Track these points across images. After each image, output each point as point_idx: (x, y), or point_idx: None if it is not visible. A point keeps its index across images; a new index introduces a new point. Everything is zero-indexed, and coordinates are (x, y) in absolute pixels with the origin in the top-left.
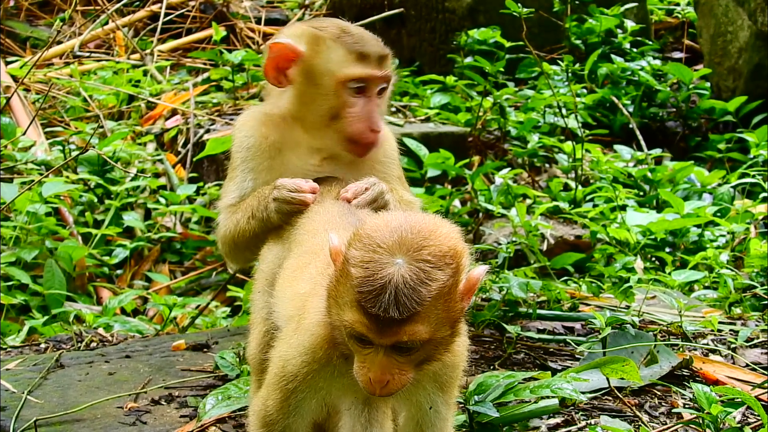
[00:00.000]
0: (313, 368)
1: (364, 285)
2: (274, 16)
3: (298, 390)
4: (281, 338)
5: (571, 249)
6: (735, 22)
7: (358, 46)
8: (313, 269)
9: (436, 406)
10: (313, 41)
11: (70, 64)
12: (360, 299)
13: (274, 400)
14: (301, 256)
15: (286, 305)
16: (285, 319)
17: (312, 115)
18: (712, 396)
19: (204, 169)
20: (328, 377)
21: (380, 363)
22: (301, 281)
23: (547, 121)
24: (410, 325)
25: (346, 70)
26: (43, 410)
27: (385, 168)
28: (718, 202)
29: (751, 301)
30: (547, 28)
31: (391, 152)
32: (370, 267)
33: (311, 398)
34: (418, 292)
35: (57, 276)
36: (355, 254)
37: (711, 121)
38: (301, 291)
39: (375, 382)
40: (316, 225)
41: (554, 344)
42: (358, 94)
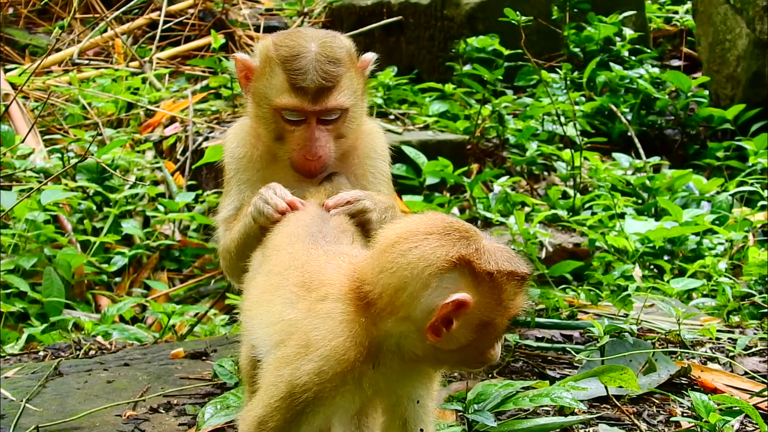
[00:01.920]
0: (339, 391)
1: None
2: (273, 23)
3: (312, 412)
4: (279, 362)
5: (570, 257)
6: (733, 30)
7: (295, 76)
8: (288, 293)
9: (423, 399)
10: (264, 61)
11: (69, 71)
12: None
13: (277, 421)
14: (268, 275)
15: (268, 329)
16: (269, 344)
17: (263, 133)
18: (710, 404)
19: (203, 176)
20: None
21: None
22: (280, 305)
23: (545, 128)
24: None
25: (278, 100)
26: (41, 418)
27: (375, 164)
28: (716, 210)
29: (750, 309)
30: (546, 36)
31: (380, 149)
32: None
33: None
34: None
35: (56, 284)
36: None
37: (709, 129)
38: (288, 317)
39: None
40: (281, 239)
41: (553, 352)
42: (294, 123)
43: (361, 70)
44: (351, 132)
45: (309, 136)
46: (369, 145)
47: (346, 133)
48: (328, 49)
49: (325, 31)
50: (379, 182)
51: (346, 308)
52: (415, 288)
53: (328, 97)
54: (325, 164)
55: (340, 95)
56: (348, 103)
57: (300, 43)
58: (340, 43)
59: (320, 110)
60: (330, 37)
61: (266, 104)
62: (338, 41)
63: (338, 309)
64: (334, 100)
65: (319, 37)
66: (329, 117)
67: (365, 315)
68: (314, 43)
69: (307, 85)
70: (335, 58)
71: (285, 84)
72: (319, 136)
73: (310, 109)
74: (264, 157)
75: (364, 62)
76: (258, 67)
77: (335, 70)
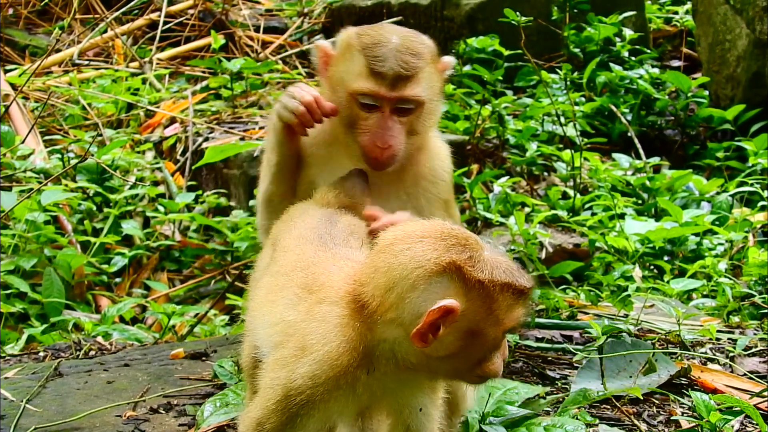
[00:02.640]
0: (333, 395)
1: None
2: (273, 24)
3: (307, 415)
4: (276, 364)
5: (570, 257)
6: (733, 30)
7: (375, 62)
8: (291, 295)
9: (426, 407)
10: (345, 48)
11: (69, 72)
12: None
13: (274, 423)
14: (274, 275)
15: (268, 330)
16: (270, 344)
17: (337, 119)
18: (710, 404)
19: (203, 177)
20: (348, 399)
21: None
22: (283, 306)
23: (545, 129)
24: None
25: (355, 84)
26: (41, 419)
27: (431, 187)
28: (716, 211)
29: (750, 309)
30: (546, 37)
31: (440, 172)
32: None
33: (319, 421)
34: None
35: (56, 284)
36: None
37: (709, 130)
38: (287, 318)
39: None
40: (290, 240)
41: (553, 352)
42: (369, 109)
43: (440, 71)
44: (422, 131)
45: (382, 124)
46: (428, 164)
47: (418, 130)
48: (410, 42)
49: (409, 29)
50: (432, 207)
51: (341, 311)
52: (403, 289)
53: (405, 85)
54: (393, 156)
55: (417, 86)
56: (424, 95)
57: (383, 33)
58: (422, 40)
59: (395, 97)
60: (413, 33)
61: (342, 89)
62: (420, 38)
63: (334, 312)
64: (411, 90)
65: (402, 31)
66: (404, 106)
67: (360, 319)
68: (396, 35)
69: (385, 71)
70: (415, 51)
71: (363, 69)
72: (392, 126)
73: (386, 95)
74: (327, 140)
75: (444, 64)
76: (338, 54)
77: (414, 61)
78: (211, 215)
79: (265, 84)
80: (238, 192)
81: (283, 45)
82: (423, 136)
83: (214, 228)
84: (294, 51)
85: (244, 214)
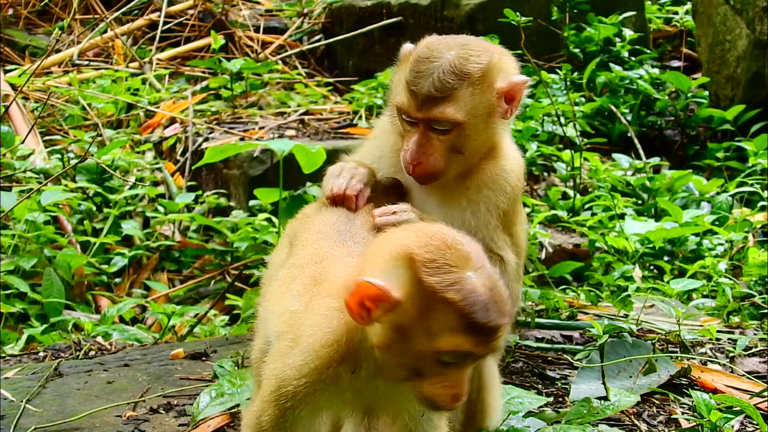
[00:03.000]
0: (316, 388)
1: (472, 306)
2: (273, 24)
3: (297, 408)
4: (275, 354)
5: (570, 257)
6: (733, 30)
7: (413, 78)
8: (299, 286)
9: (429, 414)
10: (405, 56)
11: (68, 72)
12: (469, 318)
13: (270, 416)
14: (290, 268)
15: (276, 320)
16: (275, 334)
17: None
18: (711, 403)
19: (203, 177)
20: (332, 395)
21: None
22: (289, 297)
23: (545, 129)
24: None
25: (396, 97)
26: (41, 419)
27: (492, 195)
28: (716, 211)
29: (750, 309)
30: (546, 37)
31: (503, 182)
32: (463, 286)
33: (310, 415)
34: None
35: (56, 284)
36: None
37: (709, 130)
38: (291, 308)
39: (459, 396)
40: (308, 236)
41: (553, 353)
42: (410, 124)
43: (496, 91)
44: (471, 150)
45: (417, 140)
46: (494, 173)
47: (463, 149)
48: (461, 60)
49: (482, 43)
50: (491, 215)
51: (334, 304)
52: (366, 268)
53: (435, 106)
54: (427, 172)
55: (449, 107)
56: (459, 117)
57: (440, 48)
58: (480, 58)
59: (423, 118)
60: (475, 49)
61: (392, 98)
62: (478, 56)
63: (326, 304)
64: (440, 112)
65: (462, 45)
66: (438, 126)
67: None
68: (454, 51)
69: (418, 90)
70: (461, 72)
71: (404, 84)
72: (424, 143)
73: (414, 114)
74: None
75: (510, 84)
76: (402, 60)
77: (453, 82)
78: (211, 215)
79: (264, 84)
80: (238, 192)
81: (282, 45)
82: (475, 154)
83: (213, 228)
84: (294, 51)
85: (244, 215)
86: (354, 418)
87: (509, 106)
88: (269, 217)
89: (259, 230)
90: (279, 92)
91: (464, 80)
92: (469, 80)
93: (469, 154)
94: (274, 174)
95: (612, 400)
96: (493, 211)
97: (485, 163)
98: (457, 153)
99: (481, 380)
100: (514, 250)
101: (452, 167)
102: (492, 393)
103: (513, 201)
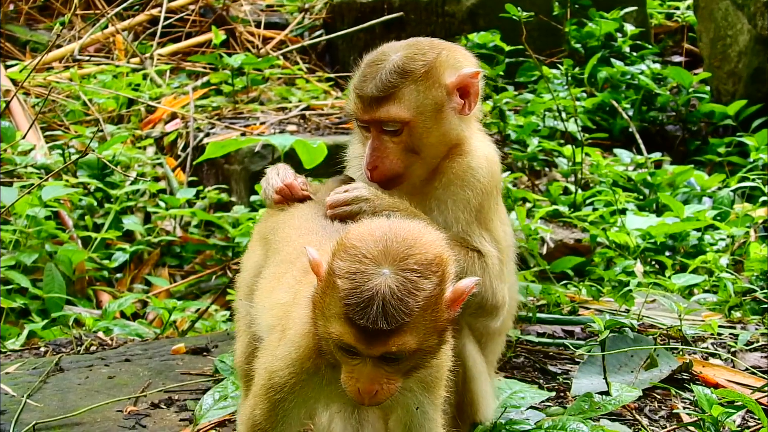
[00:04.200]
0: (301, 379)
1: (351, 297)
2: (274, 19)
3: (286, 400)
4: (265, 348)
5: (571, 253)
6: (735, 26)
7: (358, 83)
8: (290, 278)
9: (423, 407)
10: (354, 72)
11: (69, 67)
12: (347, 311)
13: (262, 410)
14: (277, 265)
15: (267, 315)
16: (266, 328)
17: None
18: (712, 398)
19: (204, 172)
20: (316, 387)
21: (368, 374)
22: (280, 290)
23: (546, 124)
24: (398, 336)
25: (347, 104)
26: (42, 414)
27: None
28: (717, 206)
29: (751, 304)
30: (547, 32)
31: (470, 177)
32: (357, 278)
33: (299, 407)
34: (405, 302)
35: (57, 280)
36: (341, 265)
37: (711, 125)
38: (282, 301)
39: (364, 392)
40: (290, 231)
41: (554, 348)
42: (366, 130)
43: (445, 87)
44: (427, 149)
45: (370, 144)
46: (458, 172)
47: (418, 148)
48: (405, 59)
49: (434, 42)
50: (458, 211)
51: None
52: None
53: (380, 107)
54: (386, 176)
55: (393, 107)
56: (404, 115)
57: (388, 51)
58: (425, 56)
59: (370, 120)
60: (422, 48)
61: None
62: (423, 54)
63: (309, 295)
64: (385, 111)
65: (410, 45)
66: (388, 128)
67: None
68: (401, 52)
69: (363, 93)
70: (402, 70)
71: (352, 91)
72: (378, 146)
73: (362, 117)
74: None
75: (460, 78)
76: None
77: (395, 80)
78: (212, 211)
79: (266, 80)
80: (239, 187)
81: (284, 40)
82: (433, 152)
83: (215, 223)
84: (295, 47)
85: (245, 210)
86: (344, 413)
87: (466, 101)
88: None
89: None
90: (280, 87)
91: (406, 78)
92: (411, 78)
93: (426, 154)
94: None
95: (613, 395)
96: (462, 207)
97: (451, 161)
98: (413, 153)
99: (466, 371)
100: (494, 245)
101: (413, 169)
102: (479, 385)
103: (485, 196)
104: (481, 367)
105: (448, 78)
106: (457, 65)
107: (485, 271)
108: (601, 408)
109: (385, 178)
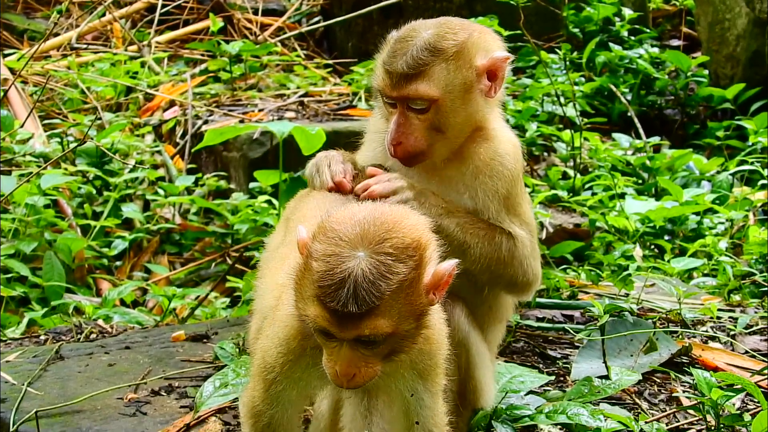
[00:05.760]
0: (288, 359)
1: (323, 279)
2: (272, 6)
3: (278, 381)
4: (263, 330)
5: (570, 237)
6: (733, 9)
7: (387, 58)
8: (291, 260)
9: (418, 393)
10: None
11: (67, 56)
12: (320, 294)
13: (259, 390)
14: (286, 246)
15: (267, 296)
16: (267, 309)
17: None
18: (712, 381)
19: (202, 160)
20: (304, 368)
21: (345, 356)
22: (281, 272)
23: (545, 109)
24: (371, 319)
25: (375, 79)
26: (43, 402)
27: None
28: (716, 190)
29: (750, 288)
30: (545, 17)
31: (498, 166)
32: (331, 260)
33: (291, 389)
34: (377, 285)
35: (56, 268)
36: (318, 247)
37: (709, 109)
38: (279, 282)
39: (341, 375)
40: (305, 213)
41: (553, 332)
42: (391, 107)
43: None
44: (453, 129)
45: (395, 120)
46: (486, 159)
47: (444, 127)
48: (437, 37)
49: (464, 22)
50: (488, 200)
51: None
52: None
53: (409, 84)
54: (409, 153)
55: (422, 84)
56: (433, 93)
57: (418, 28)
58: (457, 36)
59: (398, 96)
60: (454, 27)
61: (373, 82)
62: (455, 33)
63: None
64: (413, 89)
65: (441, 24)
66: (415, 105)
67: None
68: (432, 29)
69: (392, 69)
70: (434, 48)
71: (381, 66)
72: (403, 123)
73: (390, 93)
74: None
75: (491, 61)
76: (386, 44)
77: (425, 58)
78: (211, 198)
79: (263, 66)
80: (238, 175)
81: (281, 27)
82: (458, 132)
83: (214, 211)
84: (293, 33)
85: (244, 197)
86: (353, 399)
87: (492, 84)
88: (269, 199)
89: (260, 212)
90: (278, 74)
91: (437, 56)
92: (443, 56)
93: (450, 134)
94: (274, 156)
95: (613, 379)
96: (492, 197)
97: (477, 146)
98: (438, 132)
99: (468, 358)
100: (525, 228)
101: (436, 148)
102: (482, 371)
103: (513, 184)
104: (484, 354)
105: (479, 60)
106: (489, 48)
107: (515, 251)
108: (600, 392)
109: (408, 155)
